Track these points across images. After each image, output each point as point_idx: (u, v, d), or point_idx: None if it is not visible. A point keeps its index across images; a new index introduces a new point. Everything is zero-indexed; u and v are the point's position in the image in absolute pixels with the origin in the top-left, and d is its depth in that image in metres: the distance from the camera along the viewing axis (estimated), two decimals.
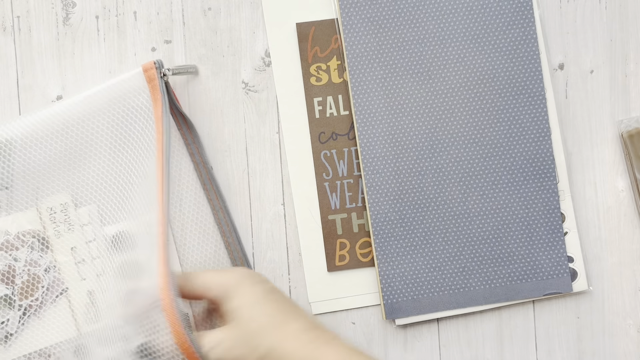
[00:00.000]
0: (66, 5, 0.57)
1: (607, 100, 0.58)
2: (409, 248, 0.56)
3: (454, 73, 0.56)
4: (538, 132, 0.56)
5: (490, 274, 0.56)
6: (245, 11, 0.58)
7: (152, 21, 0.57)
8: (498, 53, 0.56)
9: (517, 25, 0.56)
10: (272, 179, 0.57)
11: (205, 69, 0.57)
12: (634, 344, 0.57)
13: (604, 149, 0.58)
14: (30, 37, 0.57)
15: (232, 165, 0.57)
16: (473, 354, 0.57)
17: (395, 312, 0.56)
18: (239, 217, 0.57)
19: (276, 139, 0.57)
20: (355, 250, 0.57)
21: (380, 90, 0.56)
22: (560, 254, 0.56)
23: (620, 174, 0.58)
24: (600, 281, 0.57)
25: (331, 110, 0.57)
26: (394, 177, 0.56)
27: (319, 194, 0.57)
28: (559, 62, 0.58)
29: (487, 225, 0.56)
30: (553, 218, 0.56)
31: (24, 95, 0.57)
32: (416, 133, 0.56)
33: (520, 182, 0.56)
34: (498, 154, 0.56)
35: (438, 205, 0.56)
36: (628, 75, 0.58)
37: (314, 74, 0.57)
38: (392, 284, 0.56)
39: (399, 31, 0.56)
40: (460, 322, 0.57)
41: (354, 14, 0.56)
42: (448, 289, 0.56)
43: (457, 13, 0.56)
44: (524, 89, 0.56)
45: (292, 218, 0.57)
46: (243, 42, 0.58)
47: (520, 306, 0.57)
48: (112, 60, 0.57)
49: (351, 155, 0.57)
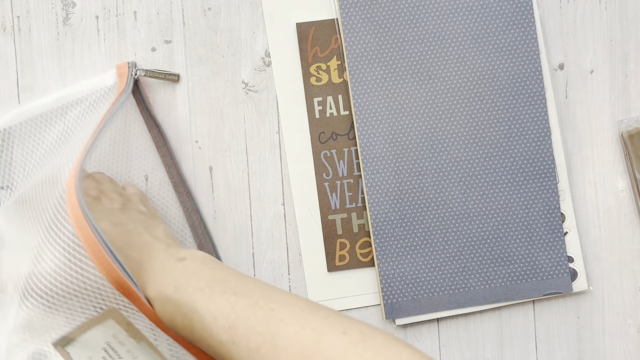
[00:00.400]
0: (66, 5, 0.57)
1: (607, 100, 0.58)
2: (409, 248, 0.56)
3: (454, 73, 0.56)
4: (538, 132, 0.56)
5: (490, 274, 0.56)
6: (245, 11, 0.58)
7: (152, 21, 0.57)
8: (498, 53, 0.56)
9: (517, 25, 0.56)
10: (272, 179, 0.57)
11: (205, 69, 0.57)
12: (634, 344, 0.57)
13: (604, 149, 0.58)
14: (30, 37, 0.57)
15: (232, 165, 0.57)
16: (473, 354, 0.57)
17: (395, 312, 0.56)
18: (239, 217, 0.57)
19: (276, 139, 0.57)
20: (355, 250, 0.57)
21: (380, 90, 0.56)
22: (560, 254, 0.56)
23: (620, 174, 0.58)
24: (600, 281, 0.57)
25: (331, 110, 0.57)
26: (394, 177, 0.56)
27: (319, 194, 0.57)
28: (559, 62, 0.58)
29: (487, 225, 0.56)
30: (553, 218, 0.56)
31: (23, 95, 0.57)
32: (416, 133, 0.56)
33: (520, 182, 0.56)
34: (498, 154, 0.56)
35: (438, 205, 0.56)
36: (628, 75, 0.58)
37: (314, 74, 0.57)
38: (392, 284, 0.56)
39: (399, 31, 0.56)
40: (460, 322, 0.57)
41: (354, 14, 0.56)
42: (448, 289, 0.56)
43: (457, 13, 0.56)
44: (524, 89, 0.56)
45: (292, 218, 0.57)
46: (243, 42, 0.58)
47: (520, 306, 0.57)
48: (112, 61, 0.57)
49: (351, 155, 0.57)
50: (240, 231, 0.57)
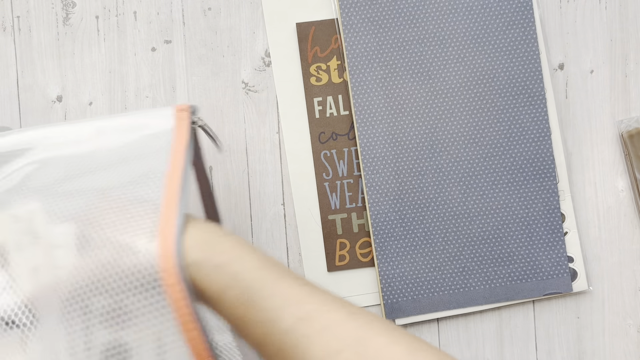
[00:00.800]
0: (66, 5, 0.57)
1: (607, 100, 0.58)
2: (409, 248, 0.56)
3: (454, 73, 0.56)
4: (538, 132, 0.56)
5: (490, 274, 0.56)
6: (245, 11, 0.58)
7: (152, 21, 0.57)
8: (498, 53, 0.56)
9: (517, 25, 0.56)
10: (272, 179, 0.57)
11: (205, 69, 0.57)
12: (634, 344, 0.57)
13: (604, 149, 0.58)
14: (30, 37, 0.57)
15: (232, 165, 0.57)
16: (473, 354, 0.57)
17: (395, 312, 0.56)
18: (239, 217, 0.57)
19: (276, 139, 0.57)
20: (355, 250, 0.57)
21: (380, 90, 0.56)
22: (560, 254, 0.56)
23: (620, 174, 0.58)
24: (600, 281, 0.57)
25: (331, 110, 0.57)
26: (394, 177, 0.56)
27: (319, 194, 0.57)
28: (559, 62, 0.58)
29: (487, 225, 0.56)
30: (553, 218, 0.56)
31: (23, 95, 0.57)
32: (416, 133, 0.56)
33: (520, 182, 0.56)
34: (498, 154, 0.56)
35: (438, 205, 0.56)
36: (628, 75, 0.58)
37: (314, 74, 0.57)
38: (392, 284, 0.56)
39: (399, 31, 0.56)
40: (460, 322, 0.57)
41: (354, 14, 0.56)
42: (448, 289, 0.56)
43: (457, 13, 0.56)
44: (524, 89, 0.56)
45: (292, 218, 0.57)
46: (243, 42, 0.58)
47: (520, 306, 0.57)
48: (112, 61, 0.57)
49: (351, 155, 0.57)
50: (240, 231, 0.57)
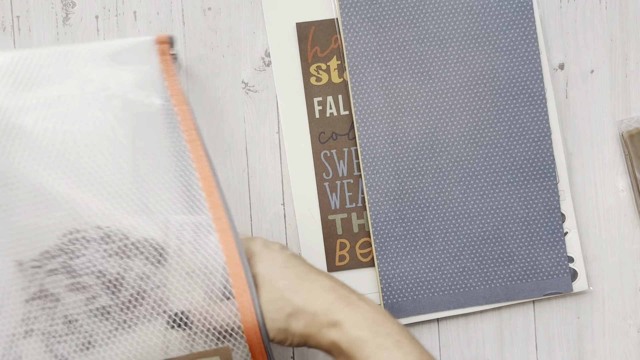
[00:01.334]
0: (66, 5, 0.57)
1: (607, 100, 0.58)
2: (409, 248, 0.56)
3: (454, 73, 0.56)
4: (538, 132, 0.56)
5: (490, 274, 0.56)
6: (245, 11, 0.58)
7: (152, 21, 0.57)
8: (498, 53, 0.56)
9: (517, 25, 0.56)
10: (272, 179, 0.57)
11: (205, 69, 0.57)
12: (634, 344, 0.57)
13: (604, 149, 0.58)
14: (30, 37, 0.57)
15: (232, 165, 0.57)
16: (473, 354, 0.57)
17: (395, 312, 0.56)
18: (239, 217, 0.57)
19: (276, 139, 0.57)
20: (355, 250, 0.57)
21: (380, 90, 0.56)
22: (561, 254, 0.56)
23: (620, 174, 0.58)
24: (600, 281, 0.57)
25: (331, 110, 0.57)
26: (394, 177, 0.56)
27: (319, 194, 0.57)
28: (559, 62, 0.58)
29: (487, 225, 0.56)
30: (553, 218, 0.56)
31: None
32: (416, 133, 0.56)
33: (520, 182, 0.56)
34: (498, 154, 0.56)
35: (438, 205, 0.56)
36: (628, 75, 0.58)
37: (314, 74, 0.57)
38: (392, 284, 0.56)
39: (399, 31, 0.56)
40: (460, 322, 0.57)
41: (354, 14, 0.56)
42: (448, 289, 0.56)
43: (457, 13, 0.56)
44: (524, 89, 0.56)
45: (292, 218, 0.57)
46: (243, 42, 0.58)
47: (520, 306, 0.57)
48: None
49: (351, 155, 0.57)
50: (240, 231, 0.57)
